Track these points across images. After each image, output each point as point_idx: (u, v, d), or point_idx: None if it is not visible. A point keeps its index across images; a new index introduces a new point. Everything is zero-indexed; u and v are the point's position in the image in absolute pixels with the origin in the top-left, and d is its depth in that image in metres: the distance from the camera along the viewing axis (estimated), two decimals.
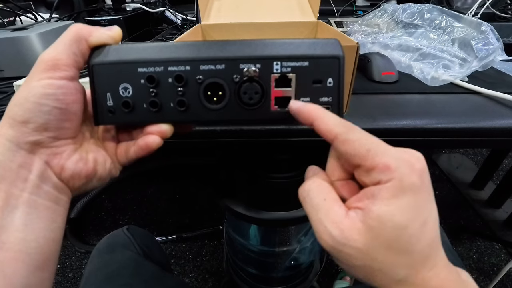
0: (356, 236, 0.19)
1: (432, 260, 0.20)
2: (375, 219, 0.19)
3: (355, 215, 0.20)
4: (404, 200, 0.19)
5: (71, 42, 0.22)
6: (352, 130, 0.21)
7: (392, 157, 0.20)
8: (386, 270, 0.20)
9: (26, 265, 0.21)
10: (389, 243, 0.19)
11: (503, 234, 1.24)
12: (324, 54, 0.23)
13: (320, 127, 0.22)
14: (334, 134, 0.21)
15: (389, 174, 0.19)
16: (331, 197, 0.22)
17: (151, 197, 1.47)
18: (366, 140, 0.21)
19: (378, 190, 0.19)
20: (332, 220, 0.20)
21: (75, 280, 1.15)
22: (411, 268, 0.20)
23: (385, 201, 0.19)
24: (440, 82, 0.51)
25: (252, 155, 0.59)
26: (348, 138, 0.21)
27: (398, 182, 0.19)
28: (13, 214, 0.21)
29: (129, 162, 0.27)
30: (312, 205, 0.22)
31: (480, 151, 1.76)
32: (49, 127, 0.22)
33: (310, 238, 0.78)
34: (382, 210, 0.19)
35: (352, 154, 0.21)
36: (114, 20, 0.75)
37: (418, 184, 0.19)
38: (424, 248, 0.20)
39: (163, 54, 0.24)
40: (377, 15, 0.70)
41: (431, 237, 0.20)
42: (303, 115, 0.23)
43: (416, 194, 0.19)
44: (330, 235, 0.20)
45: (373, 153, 0.20)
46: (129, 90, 0.24)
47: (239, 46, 0.24)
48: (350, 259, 0.20)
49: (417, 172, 0.19)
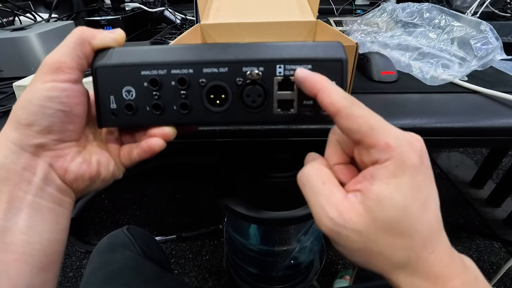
0: (355, 218, 0.19)
1: (434, 242, 0.20)
2: (374, 199, 0.19)
3: (354, 198, 0.20)
4: (404, 180, 0.19)
5: (75, 45, 0.23)
6: (356, 105, 0.21)
7: (393, 136, 0.19)
8: (386, 252, 0.19)
9: (30, 266, 0.21)
10: (388, 224, 0.19)
11: (503, 233, 1.24)
12: (327, 57, 0.23)
13: (324, 99, 0.21)
14: (337, 108, 0.21)
15: (389, 153, 0.19)
16: (330, 181, 0.22)
17: (151, 197, 1.47)
18: (369, 117, 0.20)
19: (376, 170, 0.19)
20: (331, 203, 0.20)
21: (76, 280, 1.15)
22: (412, 251, 0.19)
23: (385, 180, 0.19)
24: (439, 82, 0.51)
25: (252, 155, 0.60)
26: (352, 113, 0.20)
27: (398, 161, 0.19)
28: (17, 216, 0.21)
29: (132, 164, 0.27)
30: (311, 189, 0.22)
31: (480, 150, 1.76)
32: (53, 130, 0.22)
33: (310, 237, 0.78)
34: (382, 190, 0.19)
35: (354, 130, 0.20)
36: (113, 19, 0.75)
37: (417, 163, 0.19)
38: (425, 229, 0.19)
39: (166, 57, 0.24)
40: (376, 14, 0.70)
41: (432, 218, 0.20)
42: (308, 84, 0.22)
43: (416, 173, 0.19)
44: (329, 217, 0.20)
45: (375, 131, 0.19)
46: (132, 92, 0.24)
47: (242, 49, 0.24)
48: (349, 242, 0.20)
49: (417, 151, 0.19)
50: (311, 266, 0.94)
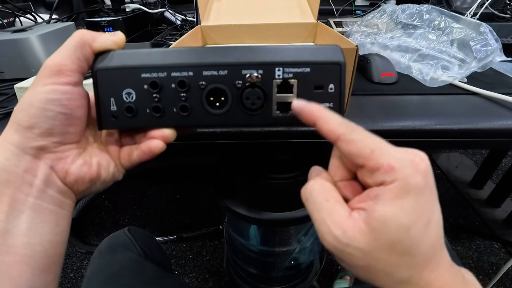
0: (359, 237, 0.19)
1: (436, 261, 0.20)
2: (378, 220, 0.19)
3: (358, 216, 0.20)
4: (407, 201, 0.19)
5: (75, 48, 0.23)
6: (355, 130, 0.21)
7: (396, 158, 0.19)
8: (389, 270, 0.20)
9: (31, 268, 0.21)
10: (392, 244, 0.19)
11: (503, 233, 1.24)
12: (325, 60, 0.24)
13: (323, 127, 0.22)
14: (337, 135, 0.21)
15: (393, 175, 0.19)
16: (334, 197, 0.22)
17: (151, 197, 1.47)
18: (370, 140, 0.20)
19: (381, 191, 0.19)
20: (334, 221, 0.20)
21: (76, 280, 1.15)
22: (414, 269, 0.20)
23: (389, 201, 0.19)
24: (439, 83, 0.51)
25: (253, 156, 0.60)
26: (352, 139, 0.20)
27: (402, 183, 0.19)
28: (19, 219, 0.21)
29: (132, 166, 0.27)
30: (314, 205, 0.22)
31: (480, 151, 1.76)
32: (54, 132, 0.22)
33: (310, 238, 0.78)
34: (386, 211, 0.19)
35: (355, 155, 0.20)
36: (113, 21, 0.75)
37: (422, 185, 0.19)
38: (427, 249, 0.20)
39: (166, 60, 0.24)
40: (376, 16, 0.70)
41: (434, 238, 0.20)
42: (306, 114, 0.23)
43: (420, 194, 0.19)
44: (333, 235, 0.20)
45: (377, 154, 0.20)
46: (132, 95, 0.24)
47: (241, 52, 0.24)
48: (352, 259, 0.20)
49: (421, 172, 0.19)
50: (311, 266, 0.94)
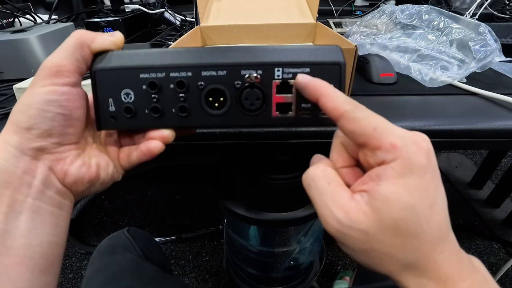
0: (362, 218, 0.19)
1: (442, 243, 0.20)
2: (381, 200, 0.19)
3: (361, 198, 0.20)
4: (411, 180, 0.18)
5: (74, 49, 0.23)
6: (359, 108, 0.20)
7: (398, 136, 0.19)
8: (394, 253, 0.19)
9: (30, 269, 0.21)
10: (396, 225, 0.19)
11: (502, 233, 1.24)
12: (325, 61, 0.24)
13: (326, 104, 0.21)
14: (340, 112, 0.21)
15: (395, 153, 0.19)
16: (336, 181, 0.21)
17: (151, 198, 1.47)
18: (373, 118, 0.20)
19: (383, 170, 0.19)
20: (337, 204, 0.20)
21: (76, 281, 1.15)
22: (420, 251, 0.19)
23: (391, 180, 0.19)
24: (438, 83, 0.51)
25: (252, 156, 0.60)
26: (355, 116, 0.20)
27: (404, 161, 0.18)
28: (18, 220, 0.21)
29: (131, 167, 0.27)
30: (317, 189, 0.22)
31: (479, 151, 1.76)
32: (53, 133, 0.22)
33: (309, 238, 0.78)
34: (388, 190, 0.19)
35: (358, 133, 0.20)
36: (113, 21, 0.75)
37: (425, 163, 0.19)
38: (433, 229, 0.19)
39: (164, 60, 0.24)
40: (375, 16, 0.70)
41: (440, 218, 0.20)
42: (310, 89, 0.22)
43: (424, 173, 0.19)
44: (335, 218, 0.20)
45: (380, 132, 0.19)
46: (131, 95, 0.24)
47: (240, 52, 0.24)
48: (356, 243, 0.20)
49: (424, 150, 0.19)
50: (311, 267, 0.94)
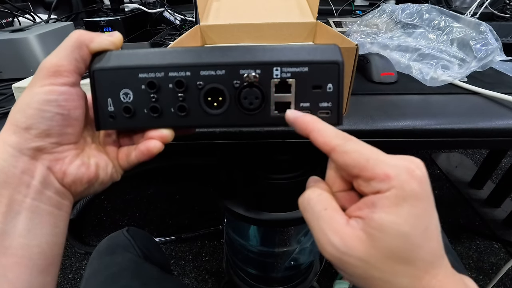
0: (357, 245, 0.19)
1: (436, 268, 0.20)
2: (376, 228, 0.19)
3: (356, 224, 0.20)
4: (405, 208, 0.19)
5: (73, 48, 0.23)
6: (349, 141, 0.21)
7: (391, 166, 0.19)
8: (388, 278, 0.19)
9: (29, 269, 0.21)
10: (390, 252, 0.19)
11: (502, 233, 1.24)
12: (323, 60, 0.23)
13: (317, 139, 0.22)
14: (331, 146, 0.21)
15: (389, 183, 0.19)
16: (332, 206, 0.22)
17: (150, 198, 1.47)
18: (364, 150, 0.20)
19: (378, 199, 0.19)
20: (333, 229, 0.20)
21: (75, 281, 1.15)
22: (414, 277, 0.19)
23: (386, 209, 0.19)
24: (439, 83, 0.51)
25: (252, 156, 0.60)
26: (347, 150, 0.21)
27: (398, 190, 0.19)
28: (16, 220, 0.21)
29: (131, 166, 0.27)
30: (313, 214, 0.22)
31: (479, 150, 1.76)
32: (52, 133, 0.22)
33: (309, 238, 0.78)
34: (383, 219, 0.19)
35: (351, 165, 0.20)
36: (112, 20, 0.75)
37: (418, 191, 0.19)
38: (427, 255, 0.19)
39: (163, 60, 0.24)
40: (376, 16, 0.70)
41: (434, 244, 0.20)
42: (300, 125, 0.23)
43: (417, 201, 0.19)
44: (332, 244, 0.20)
45: (372, 163, 0.20)
46: (130, 95, 0.24)
47: (239, 52, 0.24)
48: (352, 268, 0.20)
49: (417, 178, 0.19)
50: (311, 267, 0.94)
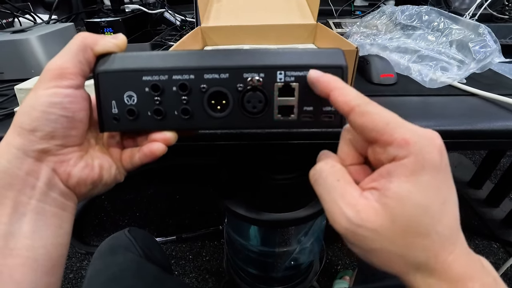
0: (373, 217, 0.18)
1: (452, 243, 0.19)
2: (393, 198, 0.18)
3: (371, 195, 0.19)
4: (423, 178, 0.18)
5: (77, 51, 0.23)
6: (370, 103, 0.20)
7: (411, 132, 0.18)
8: (404, 252, 0.19)
9: (34, 270, 0.21)
10: (407, 224, 0.18)
11: (501, 233, 1.24)
12: (327, 64, 0.24)
13: (338, 98, 0.21)
14: (351, 106, 0.20)
15: (408, 149, 0.18)
16: (345, 178, 0.21)
17: (151, 198, 1.47)
18: (385, 113, 0.19)
19: (394, 167, 0.18)
20: (346, 201, 0.19)
21: (76, 281, 1.15)
22: (431, 251, 0.19)
23: (403, 178, 0.18)
24: (438, 84, 0.52)
25: (253, 156, 0.60)
26: (367, 110, 0.20)
27: (417, 157, 0.18)
28: (21, 221, 0.21)
29: (134, 168, 0.27)
30: (325, 186, 0.21)
31: (478, 151, 1.76)
32: (56, 135, 0.22)
33: (310, 238, 0.78)
34: (400, 188, 0.18)
35: (369, 128, 0.19)
36: (113, 21, 0.75)
37: (438, 161, 0.18)
38: (444, 229, 0.19)
39: (167, 63, 0.24)
40: (375, 17, 0.70)
41: (451, 218, 0.19)
42: (321, 84, 0.22)
43: (437, 171, 0.18)
44: (345, 216, 0.19)
45: (392, 127, 0.19)
46: (133, 98, 0.25)
47: (243, 56, 0.24)
48: (366, 242, 0.19)
49: (437, 147, 0.18)
50: (311, 266, 0.94)
